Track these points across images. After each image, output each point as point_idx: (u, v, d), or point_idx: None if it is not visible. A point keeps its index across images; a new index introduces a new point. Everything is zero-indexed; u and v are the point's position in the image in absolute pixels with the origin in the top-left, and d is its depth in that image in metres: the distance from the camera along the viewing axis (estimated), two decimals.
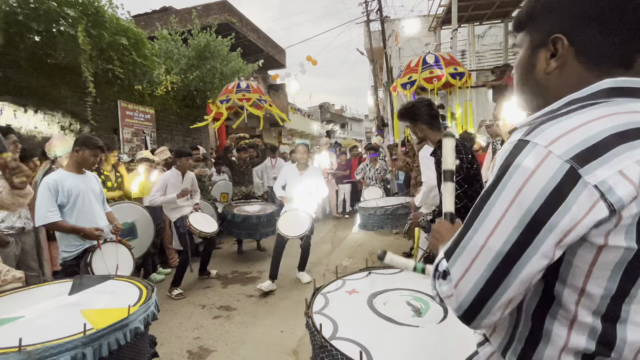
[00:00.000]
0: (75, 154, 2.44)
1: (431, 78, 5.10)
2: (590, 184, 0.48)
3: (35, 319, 1.39)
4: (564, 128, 0.52)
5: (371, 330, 1.15)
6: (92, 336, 1.18)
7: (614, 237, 0.50)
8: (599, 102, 0.55)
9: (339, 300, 1.38)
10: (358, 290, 1.47)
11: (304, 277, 3.88)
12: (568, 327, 0.56)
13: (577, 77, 0.59)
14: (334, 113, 31.92)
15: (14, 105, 4.89)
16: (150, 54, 6.31)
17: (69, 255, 2.36)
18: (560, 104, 0.58)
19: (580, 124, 0.51)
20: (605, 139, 0.49)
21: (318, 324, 1.12)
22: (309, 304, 1.30)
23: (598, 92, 0.56)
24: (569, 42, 0.58)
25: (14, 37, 4.65)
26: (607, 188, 0.48)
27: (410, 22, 11.69)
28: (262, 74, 16.32)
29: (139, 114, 7.17)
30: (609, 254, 0.51)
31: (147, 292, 1.63)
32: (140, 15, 12.82)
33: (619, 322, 0.53)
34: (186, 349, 2.59)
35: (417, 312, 1.27)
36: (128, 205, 3.70)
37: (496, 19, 9.30)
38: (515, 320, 0.62)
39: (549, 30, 0.60)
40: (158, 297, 3.49)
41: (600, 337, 0.54)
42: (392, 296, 1.40)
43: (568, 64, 0.60)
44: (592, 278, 0.53)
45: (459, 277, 0.58)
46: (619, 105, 0.54)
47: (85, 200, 2.44)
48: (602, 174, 0.48)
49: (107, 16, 5.33)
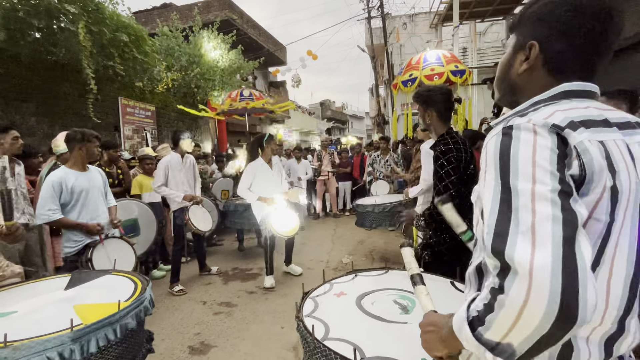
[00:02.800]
0: (79, 151, 2.45)
1: (432, 75, 5.11)
2: (570, 143, 0.57)
3: (27, 314, 1.37)
4: (537, 116, 0.61)
5: (362, 329, 1.17)
6: (79, 332, 1.16)
7: (598, 210, 0.57)
8: (558, 102, 0.64)
9: (328, 303, 1.39)
10: (346, 292, 1.48)
11: (296, 269, 4.02)
12: None
13: (542, 82, 0.68)
14: (334, 110, 31.85)
15: (15, 102, 4.90)
16: (150, 51, 6.31)
17: (71, 251, 2.38)
18: (527, 105, 0.67)
19: (548, 114, 0.60)
20: (570, 122, 0.58)
21: (310, 326, 1.13)
22: (298, 308, 1.31)
23: (558, 94, 0.65)
24: (540, 49, 0.67)
25: (14, 33, 4.65)
26: (583, 149, 0.56)
27: (412, 19, 11.63)
28: (263, 70, 16.28)
29: (140, 111, 7.18)
30: (593, 226, 0.57)
31: (141, 287, 1.59)
32: (141, 12, 12.79)
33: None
34: (187, 344, 2.62)
35: (405, 310, 1.30)
36: (130, 202, 3.72)
37: (498, 16, 9.26)
38: None
39: (528, 36, 0.69)
40: (159, 293, 3.56)
41: None
42: (380, 296, 1.43)
43: (536, 68, 0.69)
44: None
45: (530, 261, 0.47)
46: (575, 102, 0.64)
47: (88, 198, 2.46)
48: (578, 137, 0.57)
49: (107, 13, 5.33)
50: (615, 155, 0.58)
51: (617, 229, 0.58)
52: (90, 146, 2.46)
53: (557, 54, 0.66)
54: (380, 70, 14.74)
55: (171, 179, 3.63)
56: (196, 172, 3.99)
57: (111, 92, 6.40)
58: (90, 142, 2.45)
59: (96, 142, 2.50)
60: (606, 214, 0.57)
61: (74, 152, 2.46)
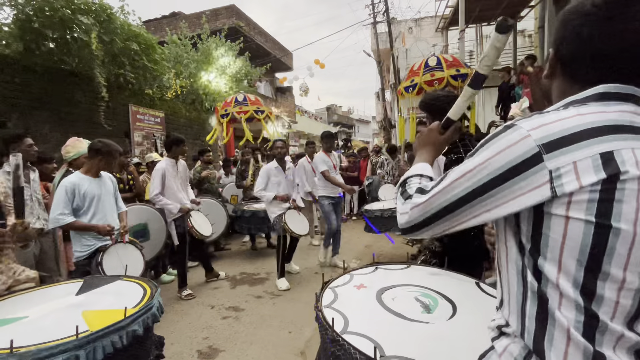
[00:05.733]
0: (99, 162, 2.50)
1: (432, 81, 5.10)
2: (547, 168, 0.56)
3: (37, 320, 1.38)
4: (547, 120, 0.60)
5: (382, 326, 1.14)
6: (84, 339, 1.16)
7: (573, 211, 0.56)
8: (589, 104, 0.62)
9: (348, 295, 1.36)
10: (366, 285, 1.45)
11: (294, 268, 4.28)
12: (558, 301, 0.59)
13: (561, 88, 0.69)
14: (341, 115, 31.94)
15: (29, 110, 5.05)
16: (160, 59, 6.44)
17: (82, 255, 2.43)
18: (560, 105, 0.65)
19: (563, 117, 0.59)
20: (578, 132, 0.57)
21: (330, 319, 1.11)
22: (318, 298, 1.28)
23: (592, 95, 0.62)
24: (556, 55, 0.69)
25: (30, 44, 4.81)
26: (558, 175, 0.56)
27: (418, 23, 11.66)
28: (270, 76, 16.44)
29: (150, 118, 7.31)
30: (575, 227, 0.56)
31: (150, 293, 1.58)
32: (151, 21, 13.08)
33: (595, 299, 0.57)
34: (196, 348, 2.64)
35: (427, 309, 1.25)
36: (140, 207, 3.77)
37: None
38: (522, 302, 0.64)
39: (552, 42, 0.70)
40: (168, 297, 3.59)
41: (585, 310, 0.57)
42: (400, 292, 1.39)
43: (556, 75, 0.70)
44: (565, 250, 0.58)
45: (433, 195, 0.70)
46: (607, 105, 0.61)
47: (100, 204, 2.51)
48: (560, 162, 0.56)
49: (119, 23, 5.47)
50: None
51: None
52: (111, 160, 2.54)
53: (570, 60, 0.67)
54: (386, 75, 14.76)
55: (167, 186, 3.57)
56: (187, 174, 3.97)
57: (122, 99, 6.54)
58: (112, 157, 2.53)
59: (118, 157, 2.57)
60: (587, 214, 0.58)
61: (94, 161, 2.51)
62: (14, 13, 4.71)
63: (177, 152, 3.67)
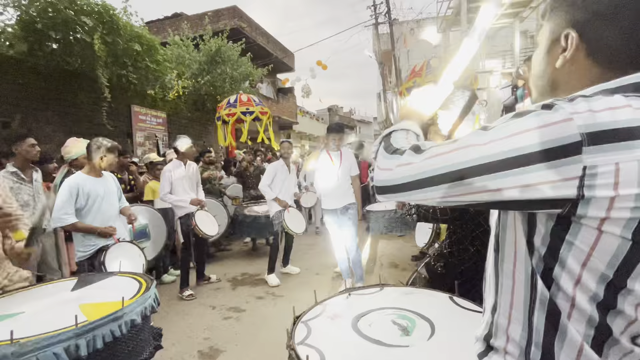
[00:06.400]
0: (100, 161, 2.53)
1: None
2: (582, 162, 0.48)
3: (34, 314, 1.39)
4: (595, 106, 0.50)
5: (360, 357, 1.09)
6: (84, 328, 1.18)
7: (609, 226, 0.49)
8: (630, 95, 0.52)
9: (322, 328, 1.27)
10: (340, 314, 1.40)
11: (294, 269, 4.29)
12: (568, 311, 0.55)
13: (587, 76, 0.58)
14: (342, 116, 31.96)
15: (32, 111, 5.07)
16: (162, 60, 6.47)
17: (84, 255, 2.45)
18: (591, 92, 0.54)
19: (614, 106, 0.49)
20: (629, 128, 0.48)
21: (303, 356, 1.03)
22: (290, 335, 1.21)
23: (627, 85, 0.53)
24: (580, 39, 0.57)
25: (33, 45, 4.84)
26: (592, 174, 0.48)
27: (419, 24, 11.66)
28: (272, 77, 16.47)
29: (152, 118, 7.34)
30: (608, 241, 0.50)
31: (146, 285, 1.62)
32: (153, 22, 13.12)
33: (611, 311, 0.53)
34: (197, 349, 2.64)
35: (405, 331, 1.22)
36: (141, 208, 3.79)
37: (507, 19, 9.22)
38: (530, 312, 0.60)
39: (564, 24, 0.59)
40: (169, 298, 3.60)
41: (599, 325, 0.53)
42: (377, 317, 1.34)
43: (578, 61, 0.59)
44: (590, 263, 0.52)
45: (432, 156, 0.58)
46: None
47: (102, 204, 2.53)
48: (600, 160, 0.47)
49: (121, 24, 5.50)
50: None
51: None
52: (111, 157, 2.56)
53: (602, 42, 0.56)
54: (388, 76, 14.77)
55: (175, 186, 3.68)
56: (198, 177, 4.03)
57: (124, 100, 6.57)
58: (112, 154, 2.56)
59: (117, 154, 2.60)
60: (623, 231, 0.51)
61: (95, 161, 2.53)
62: (17, 14, 4.75)
63: (184, 153, 3.75)
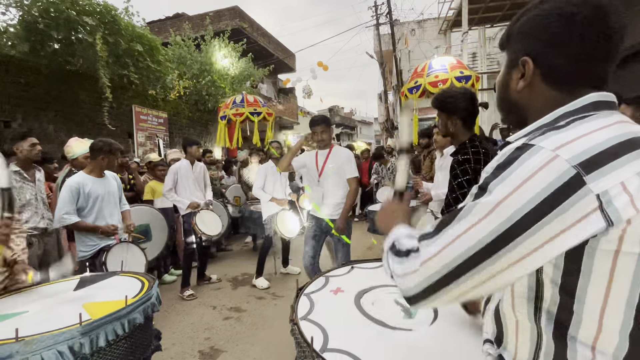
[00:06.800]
0: (102, 161, 2.54)
1: (436, 82, 5.11)
2: (593, 192, 0.47)
3: (38, 313, 1.41)
4: (570, 136, 0.52)
5: (363, 337, 1.10)
6: (88, 326, 1.20)
7: (626, 244, 0.48)
8: (591, 114, 0.56)
9: (325, 302, 1.30)
10: (343, 288, 1.40)
11: (294, 269, 4.29)
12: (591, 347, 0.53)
13: (544, 97, 0.63)
14: (343, 116, 31.96)
15: (34, 110, 5.09)
16: (163, 60, 6.48)
17: (85, 255, 2.46)
18: (553, 118, 0.60)
19: (585, 132, 0.52)
20: (611, 147, 0.49)
21: (308, 336, 1.02)
22: (293, 309, 1.18)
23: (586, 105, 0.58)
24: (534, 64, 0.63)
25: (35, 45, 4.85)
26: (608, 200, 0.47)
27: (420, 25, 11.67)
28: (272, 78, 16.49)
29: (153, 118, 7.35)
30: (627, 261, 0.49)
31: (148, 285, 1.64)
32: (155, 22, 13.14)
33: None
34: (197, 349, 2.65)
35: (408, 313, 1.23)
36: (142, 208, 3.80)
37: (507, 21, 9.19)
38: (537, 340, 0.60)
39: (520, 52, 0.64)
40: (170, 297, 3.60)
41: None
42: (379, 294, 1.35)
43: (535, 84, 0.64)
44: (613, 286, 0.51)
45: (430, 256, 0.57)
46: (610, 116, 0.56)
47: (104, 204, 2.54)
48: (606, 184, 0.47)
49: (123, 24, 5.51)
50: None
51: None
52: (113, 158, 2.58)
53: (554, 66, 0.61)
54: (389, 76, 14.77)
55: (180, 185, 3.72)
56: (207, 178, 4.08)
57: (125, 100, 6.59)
58: (114, 155, 2.57)
59: (119, 155, 2.61)
60: None
61: (97, 161, 2.54)
62: (20, 14, 4.76)
63: (191, 153, 3.81)
